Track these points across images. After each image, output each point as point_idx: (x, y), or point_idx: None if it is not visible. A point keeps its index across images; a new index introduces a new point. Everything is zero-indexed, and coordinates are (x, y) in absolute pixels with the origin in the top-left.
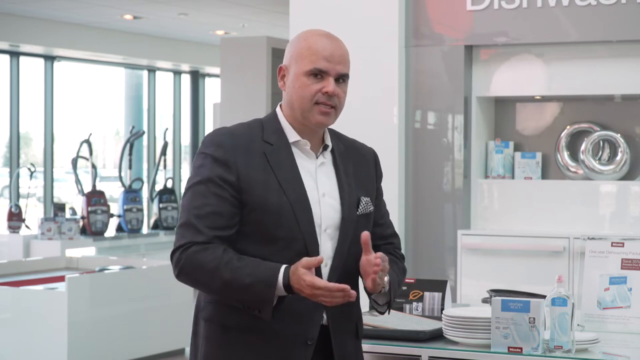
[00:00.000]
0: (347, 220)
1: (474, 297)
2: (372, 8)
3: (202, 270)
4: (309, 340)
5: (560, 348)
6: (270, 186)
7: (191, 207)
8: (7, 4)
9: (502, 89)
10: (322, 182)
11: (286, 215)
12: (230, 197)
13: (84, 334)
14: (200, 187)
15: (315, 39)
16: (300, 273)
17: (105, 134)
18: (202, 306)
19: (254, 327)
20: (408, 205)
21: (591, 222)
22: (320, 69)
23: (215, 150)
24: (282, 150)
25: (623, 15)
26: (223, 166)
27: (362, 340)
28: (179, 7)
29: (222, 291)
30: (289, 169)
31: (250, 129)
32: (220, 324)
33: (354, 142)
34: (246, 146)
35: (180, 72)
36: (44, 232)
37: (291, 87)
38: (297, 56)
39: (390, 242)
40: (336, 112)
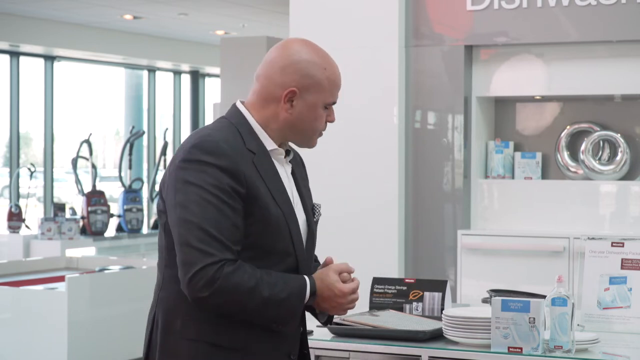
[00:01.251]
0: (310, 228)
1: (474, 297)
2: (372, 8)
3: (241, 290)
4: (292, 354)
5: (560, 348)
6: (267, 197)
7: (208, 218)
8: (7, 4)
9: (502, 89)
10: (292, 190)
11: (282, 227)
12: (241, 208)
13: (84, 334)
14: (212, 198)
15: (333, 69)
16: (333, 280)
17: (105, 134)
18: (182, 324)
19: (244, 345)
20: (408, 205)
21: (591, 222)
22: (334, 102)
23: (217, 159)
24: (264, 158)
25: (623, 15)
26: (231, 176)
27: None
28: (179, 7)
29: (259, 310)
30: (275, 178)
31: (232, 135)
32: (211, 343)
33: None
34: (240, 154)
35: (180, 72)
36: (44, 232)
37: (304, 115)
38: (319, 87)
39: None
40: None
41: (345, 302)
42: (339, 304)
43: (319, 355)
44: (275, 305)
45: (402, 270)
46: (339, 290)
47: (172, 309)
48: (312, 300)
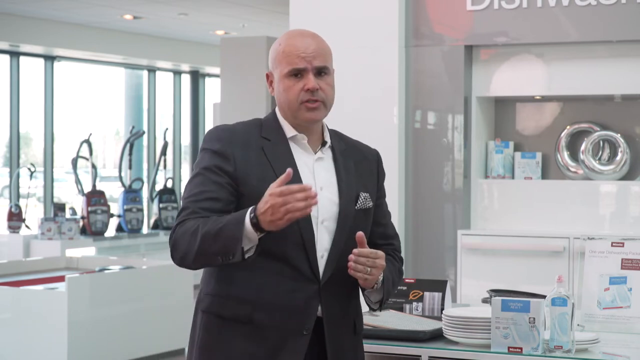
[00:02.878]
0: (344, 213)
1: (474, 297)
2: (372, 8)
3: (186, 233)
4: (305, 330)
5: (560, 348)
6: (267, 178)
7: (189, 195)
8: (7, 4)
9: (502, 89)
10: (320, 176)
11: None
12: (227, 184)
13: (84, 334)
14: (198, 177)
15: (289, 41)
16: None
17: (105, 134)
18: (201, 298)
19: (250, 318)
20: (408, 205)
21: (591, 222)
22: (297, 69)
23: (213, 144)
24: (280, 145)
25: (623, 15)
26: (221, 157)
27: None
28: (179, 7)
29: (202, 244)
30: (286, 161)
31: (249, 126)
32: (217, 314)
33: (357, 142)
34: (244, 141)
35: (180, 72)
36: (44, 232)
37: (278, 92)
38: (276, 61)
39: (390, 242)
40: (325, 105)
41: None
42: (270, 207)
43: None
44: (214, 236)
45: None
46: (266, 195)
47: (201, 286)
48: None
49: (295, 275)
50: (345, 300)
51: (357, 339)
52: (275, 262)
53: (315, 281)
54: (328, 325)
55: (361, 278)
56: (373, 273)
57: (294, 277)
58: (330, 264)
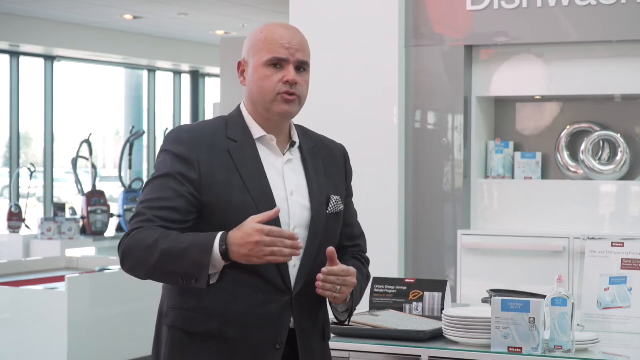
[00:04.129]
0: (316, 219)
1: (474, 297)
2: (372, 8)
3: (140, 246)
4: (277, 344)
5: (560, 348)
6: (233, 184)
7: (146, 200)
8: (7, 4)
9: (502, 89)
10: (290, 179)
11: (250, 213)
12: (188, 194)
13: (84, 334)
14: (158, 182)
15: (271, 29)
16: (248, 221)
17: (105, 134)
18: (165, 312)
19: (219, 333)
20: (408, 205)
21: (591, 222)
22: (279, 58)
23: (176, 147)
24: (247, 147)
25: (623, 15)
26: (185, 163)
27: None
28: (179, 7)
29: (159, 263)
30: (254, 166)
31: (213, 126)
32: (184, 329)
33: (323, 138)
34: (209, 143)
35: (180, 72)
36: (44, 232)
37: (251, 81)
38: (255, 48)
39: (356, 244)
40: (300, 101)
41: (262, 242)
42: (256, 243)
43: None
44: (175, 257)
45: (402, 270)
46: (251, 229)
47: (163, 297)
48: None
49: (266, 287)
50: (316, 308)
51: (326, 345)
52: (244, 274)
53: (287, 292)
54: (301, 337)
55: (330, 297)
56: (343, 291)
57: (265, 288)
58: (303, 273)
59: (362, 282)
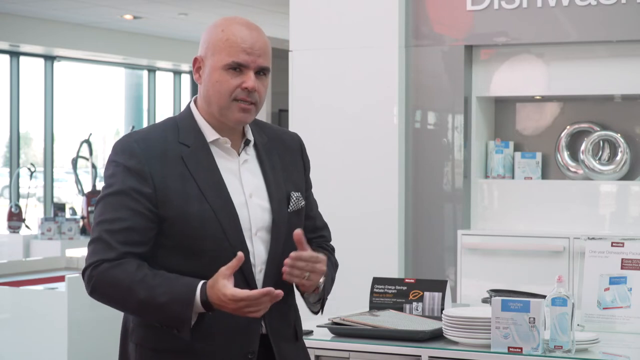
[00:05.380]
0: (277, 220)
1: (474, 297)
2: (372, 8)
3: (116, 289)
4: (249, 354)
5: (560, 348)
6: (189, 194)
7: (103, 221)
8: (7, 4)
9: (502, 89)
10: (247, 181)
11: (210, 224)
12: (145, 210)
13: (84, 334)
14: (112, 199)
15: (233, 29)
16: (220, 286)
17: (105, 134)
18: (131, 329)
19: (189, 348)
20: (408, 205)
21: (591, 222)
22: (239, 63)
23: (127, 159)
24: (200, 151)
25: (623, 15)
26: (137, 177)
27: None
28: (179, 7)
29: (137, 311)
30: (209, 172)
31: (164, 131)
32: (152, 348)
33: (278, 130)
34: (161, 152)
35: (180, 72)
36: (44, 232)
37: (207, 82)
38: (214, 48)
39: (321, 235)
40: (256, 108)
41: (239, 308)
42: (235, 309)
43: (319, 356)
44: (154, 309)
45: (402, 270)
46: (223, 295)
47: (127, 315)
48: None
49: None
50: (285, 309)
51: (300, 344)
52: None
53: None
54: (275, 341)
55: (297, 283)
56: (311, 278)
57: None
58: (270, 277)
59: (332, 271)
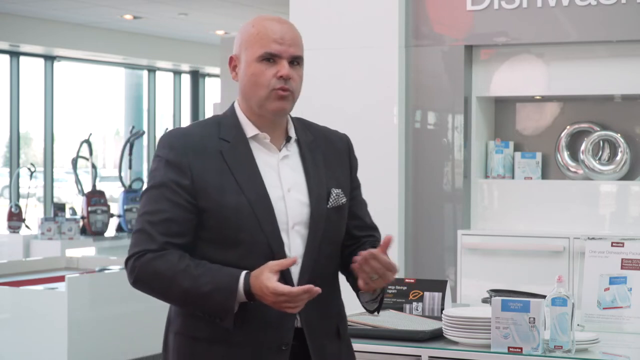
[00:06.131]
0: (316, 215)
1: (474, 297)
2: (372, 8)
3: (159, 279)
4: (283, 345)
5: (560, 348)
6: (227, 188)
7: (145, 212)
8: (7, 4)
9: (502, 89)
10: (286, 176)
11: (246, 216)
12: (184, 202)
13: (84, 334)
14: (154, 192)
15: (263, 23)
16: (264, 278)
17: (105, 134)
18: (172, 318)
19: (224, 337)
20: (408, 205)
21: (591, 222)
22: (271, 53)
23: (168, 153)
24: (240, 146)
25: (623, 15)
26: (176, 169)
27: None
28: (179, 7)
29: (181, 300)
30: (248, 166)
31: (205, 128)
32: (189, 336)
33: (325, 130)
34: (201, 147)
35: (180, 72)
36: (44, 232)
37: (244, 76)
38: (247, 43)
39: (370, 234)
40: (293, 96)
41: (278, 302)
42: (273, 303)
43: None
44: (198, 298)
45: (402, 270)
46: (266, 288)
47: (170, 305)
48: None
49: None
50: (324, 305)
51: (343, 343)
52: None
53: None
54: (310, 336)
55: (361, 279)
56: (377, 283)
57: None
58: (306, 271)
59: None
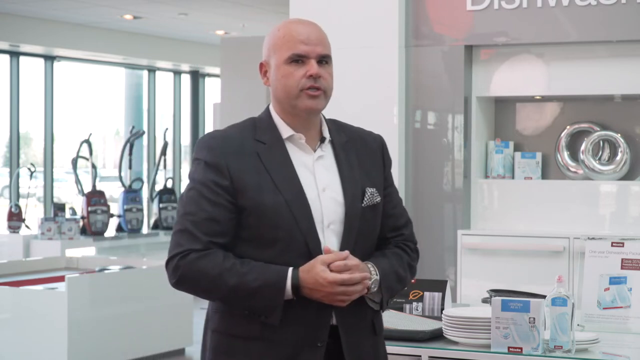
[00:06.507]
0: (351, 213)
1: (474, 297)
2: (372, 8)
3: (205, 278)
4: (319, 342)
5: (560, 348)
6: (264, 187)
7: (186, 213)
8: (7, 4)
9: (502, 89)
10: (321, 175)
11: (283, 215)
12: (225, 202)
13: (84, 334)
14: (194, 193)
15: (290, 26)
16: (319, 270)
17: (105, 134)
18: (210, 316)
19: (261, 335)
20: (408, 205)
21: (591, 222)
22: (299, 54)
23: (206, 155)
24: (276, 147)
25: (623, 15)
26: (215, 170)
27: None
28: (179, 7)
29: (227, 298)
30: (284, 166)
31: (242, 130)
32: (227, 333)
33: (359, 130)
34: (238, 148)
35: (180, 72)
36: (44, 232)
37: (275, 80)
38: (274, 47)
39: (400, 233)
40: (325, 95)
41: (335, 292)
42: (328, 293)
43: None
44: (245, 295)
45: None
46: (323, 279)
47: (209, 303)
48: (299, 291)
49: None
50: (359, 302)
51: (378, 339)
52: None
53: None
54: (344, 333)
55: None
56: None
57: None
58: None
59: (400, 268)
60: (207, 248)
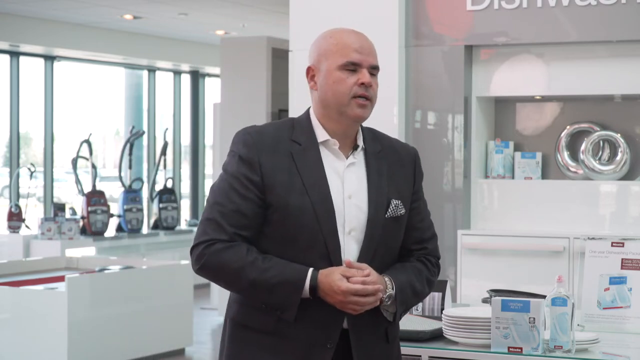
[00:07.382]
0: (373, 222)
1: (474, 297)
2: (372, 8)
3: (227, 269)
4: (329, 343)
5: (560, 348)
6: (293, 187)
7: (216, 203)
8: (7, 4)
9: (502, 89)
10: (349, 182)
11: (307, 216)
12: (254, 197)
13: (84, 334)
14: (226, 185)
15: (342, 34)
16: (336, 278)
17: (105, 134)
18: (230, 305)
19: (274, 330)
20: None
21: (591, 222)
22: (353, 62)
23: (241, 149)
24: (310, 150)
25: (623, 15)
26: (247, 165)
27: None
28: (179, 7)
29: (246, 291)
30: (315, 169)
31: (279, 129)
32: (242, 324)
33: (394, 142)
34: (273, 146)
35: (180, 72)
36: (44, 232)
37: (325, 85)
38: (326, 53)
39: (423, 247)
40: (372, 104)
41: (347, 301)
42: (340, 301)
43: None
44: (264, 289)
45: None
46: (337, 287)
47: (230, 293)
48: (316, 292)
49: None
50: (374, 309)
51: (391, 348)
52: None
53: None
54: (354, 337)
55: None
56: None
57: None
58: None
59: (418, 282)
60: (232, 239)
